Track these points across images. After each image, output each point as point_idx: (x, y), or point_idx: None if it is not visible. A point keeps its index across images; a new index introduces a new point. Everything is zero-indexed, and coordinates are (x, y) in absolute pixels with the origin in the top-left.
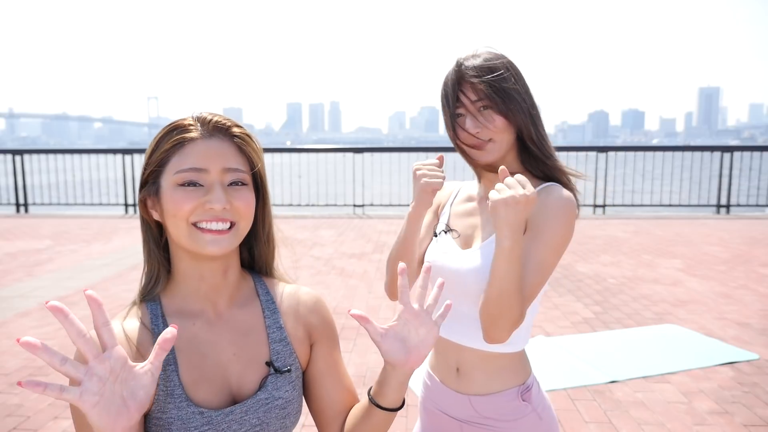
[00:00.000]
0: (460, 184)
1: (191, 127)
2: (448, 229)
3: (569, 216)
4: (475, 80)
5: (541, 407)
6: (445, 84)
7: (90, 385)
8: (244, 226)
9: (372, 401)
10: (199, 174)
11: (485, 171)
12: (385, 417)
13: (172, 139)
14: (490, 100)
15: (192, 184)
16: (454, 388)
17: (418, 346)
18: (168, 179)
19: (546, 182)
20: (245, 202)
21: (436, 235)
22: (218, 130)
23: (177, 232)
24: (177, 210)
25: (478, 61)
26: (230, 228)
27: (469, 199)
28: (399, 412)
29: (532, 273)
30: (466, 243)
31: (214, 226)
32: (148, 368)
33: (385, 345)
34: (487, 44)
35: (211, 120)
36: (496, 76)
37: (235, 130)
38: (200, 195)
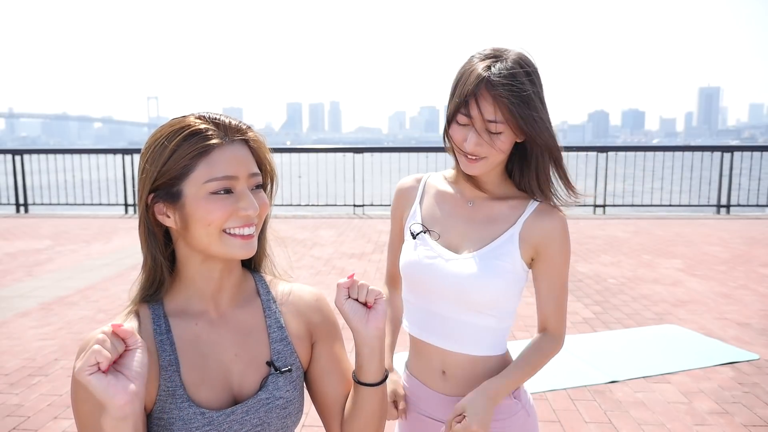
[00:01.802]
0: (422, 178)
1: (210, 132)
2: (426, 230)
3: (568, 235)
4: (497, 95)
5: (528, 405)
6: (465, 79)
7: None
8: (260, 227)
9: (355, 380)
10: (231, 181)
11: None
12: (370, 393)
13: (195, 145)
14: (507, 124)
15: (227, 191)
16: (440, 390)
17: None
18: (196, 187)
19: (526, 197)
20: (265, 205)
21: (414, 236)
22: (237, 134)
23: (207, 239)
24: (211, 218)
25: (506, 68)
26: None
27: (442, 197)
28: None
29: (560, 293)
30: (451, 245)
31: (246, 231)
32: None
33: (347, 306)
34: (520, 45)
35: (227, 123)
36: (519, 92)
37: (250, 133)
38: (233, 202)
